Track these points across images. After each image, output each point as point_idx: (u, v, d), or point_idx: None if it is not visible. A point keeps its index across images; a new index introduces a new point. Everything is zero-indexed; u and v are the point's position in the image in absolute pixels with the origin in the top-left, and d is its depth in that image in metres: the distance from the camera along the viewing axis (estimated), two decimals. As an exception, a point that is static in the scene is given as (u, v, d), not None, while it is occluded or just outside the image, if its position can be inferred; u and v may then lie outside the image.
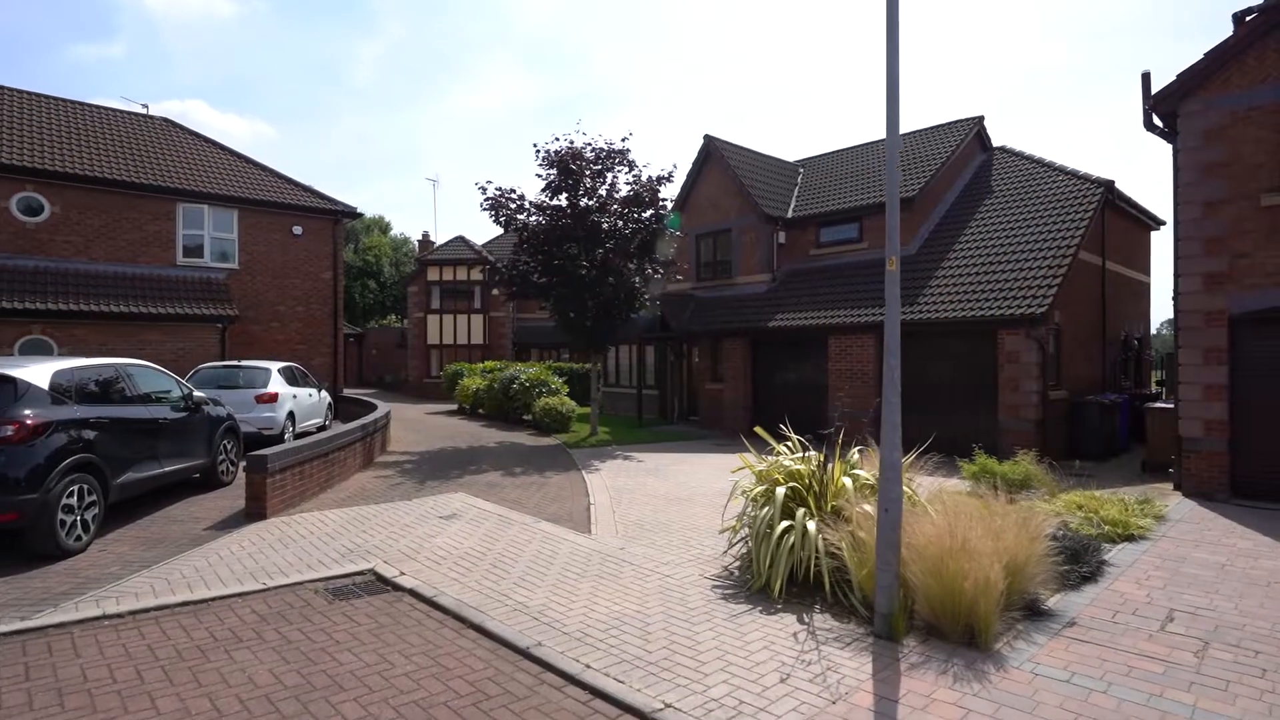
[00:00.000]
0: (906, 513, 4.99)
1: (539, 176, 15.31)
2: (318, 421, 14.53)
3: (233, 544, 6.73)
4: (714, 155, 19.26)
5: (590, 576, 5.88)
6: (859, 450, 6.54)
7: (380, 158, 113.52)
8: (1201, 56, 9.63)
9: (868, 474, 6.01)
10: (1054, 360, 12.94)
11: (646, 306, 15.67)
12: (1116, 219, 15.90)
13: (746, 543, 6.29)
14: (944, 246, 15.34)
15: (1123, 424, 13.69)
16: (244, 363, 12.94)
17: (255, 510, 7.63)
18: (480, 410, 21.52)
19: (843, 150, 20.93)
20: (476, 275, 31.32)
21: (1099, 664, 4.19)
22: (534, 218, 15.27)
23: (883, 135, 20.67)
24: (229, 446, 9.57)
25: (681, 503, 9.02)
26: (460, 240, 32.64)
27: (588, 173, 15.01)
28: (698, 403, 19.60)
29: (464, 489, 9.80)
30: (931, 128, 19.18)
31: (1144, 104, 10.35)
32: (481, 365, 23.91)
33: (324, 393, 15.15)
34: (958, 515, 4.79)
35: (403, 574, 5.85)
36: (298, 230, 18.14)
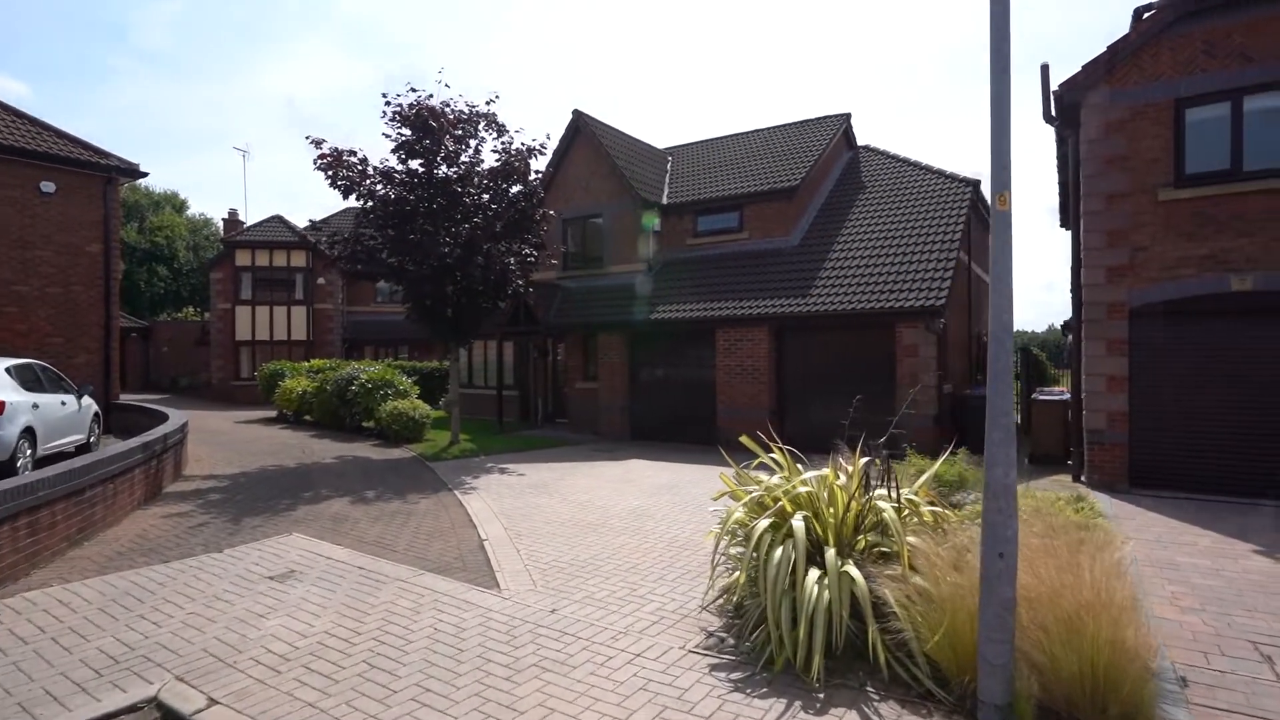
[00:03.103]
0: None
1: (387, 136, 12.56)
2: (77, 439, 10.71)
3: (-122, 668, 3.83)
4: (584, 132, 17.45)
5: (528, 669, 3.87)
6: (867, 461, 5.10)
7: (177, 133, 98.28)
8: (1104, 49, 9.53)
9: (895, 494, 4.58)
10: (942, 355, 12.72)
11: (520, 293, 13.49)
12: (975, 219, 16.37)
13: (733, 594, 4.63)
14: (826, 239, 14.79)
15: (993, 416, 13.89)
16: (-50, 360, 8.98)
17: (-62, 595, 4.62)
18: (307, 417, 17.92)
19: (715, 139, 20.05)
20: (298, 260, 26.91)
21: (1293, 755, 3.01)
22: (381, 186, 12.50)
23: (751, 127, 19.94)
24: (-95, 486, 6.12)
25: (596, 530, 7.14)
26: (278, 220, 27.88)
27: (449, 136, 12.53)
28: (566, 404, 17.71)
29: (300, 527, 7.16)
30: (799, 122, 18.86)
31: (1043, 95, 10.18)
32: (308, 364, 20.11)
33: (87, 400, 11.28)
34: (1079, 549, 3.43)
35: (214, 703, 3.46)
36: (49, 188, 13.65)
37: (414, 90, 12.30)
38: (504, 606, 4.86)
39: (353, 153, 12.36)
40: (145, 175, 15.44)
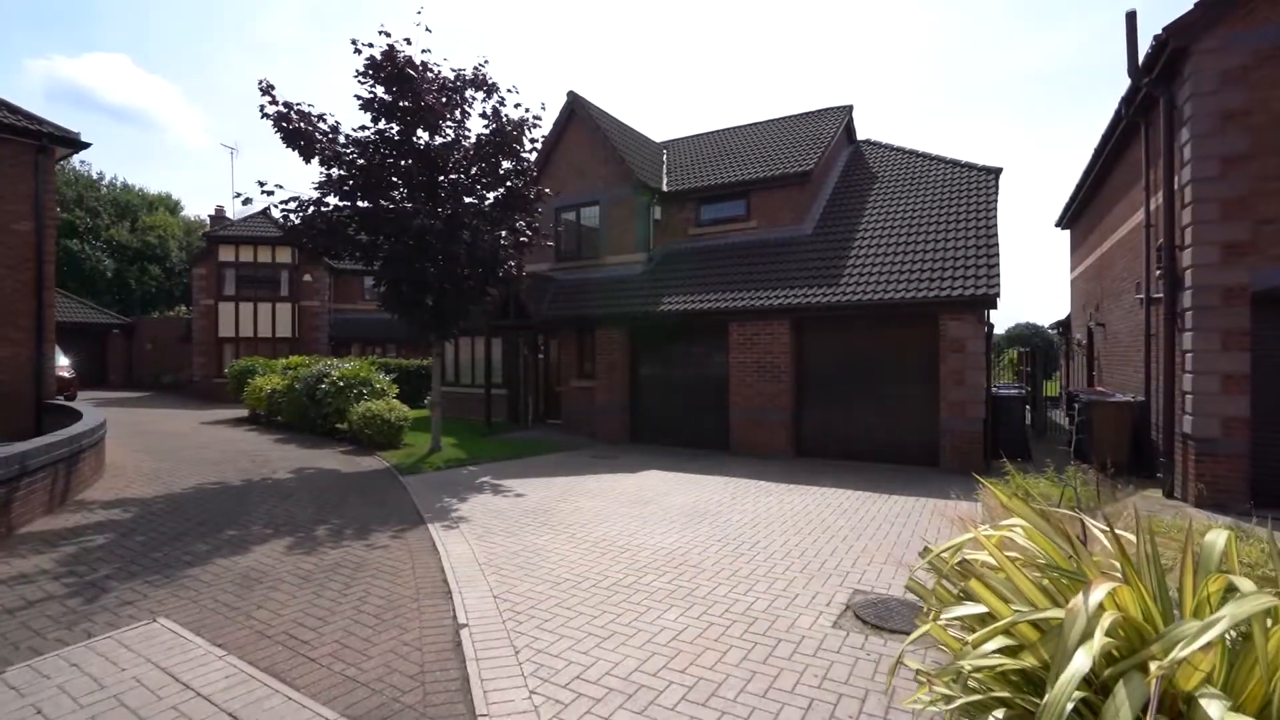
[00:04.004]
0: None
1: (359, 98, 9.58)
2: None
3: None
4: (579, 115, 14.63)
5: None
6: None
7: (171, 135, 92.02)
8: (1221, -18, 7.05)
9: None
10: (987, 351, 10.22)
11: (514, 276, 10.61)
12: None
13: None
14: (846, 228, 12.20)
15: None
16: None
17: None
18: (279, 418, 14.78)
19: (711, 132, 17.36)
20: (284, 257, 23.57)
21: None
22: (350, 152, 9.53)
23: (749, 120, 17.28)
24: None
25: (626, 595, 4.36)
26: (264, 216, 24.44)
27: (430, 94, 9.59)
28: (558, 403, 14.87)
29: (183, 599, 4.26)
30: (799, 115, 16.30)
31: (1129, 47, 7.71)
32: (283, 361, 16.93)
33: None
34: None
35: None
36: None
37: (386, 35, 9.27)
38: None
39: (305, 112, 9.29)
40: (86, 145, 12.17)
